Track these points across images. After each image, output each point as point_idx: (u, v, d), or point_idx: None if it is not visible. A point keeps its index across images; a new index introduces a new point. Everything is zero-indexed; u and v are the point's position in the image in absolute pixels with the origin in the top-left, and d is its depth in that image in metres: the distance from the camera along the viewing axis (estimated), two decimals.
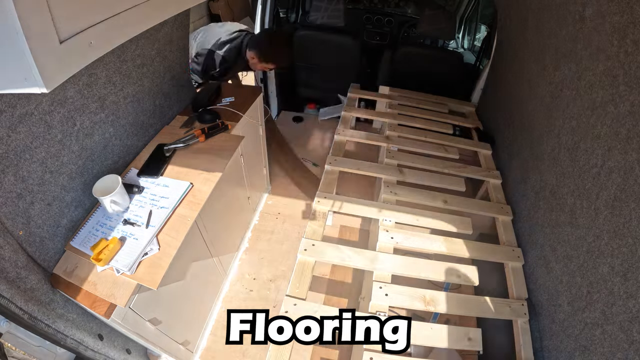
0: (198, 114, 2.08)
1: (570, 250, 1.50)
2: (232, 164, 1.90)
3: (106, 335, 1.50)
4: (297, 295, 1.59)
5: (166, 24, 1.82)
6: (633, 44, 1.23)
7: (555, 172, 1.68)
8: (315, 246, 1.76)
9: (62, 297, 1.33)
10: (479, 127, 2.75)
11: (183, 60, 2.12)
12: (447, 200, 2.06)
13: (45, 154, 1.30)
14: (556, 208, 1.64)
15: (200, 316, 2.11)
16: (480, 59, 3.46)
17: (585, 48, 1.51)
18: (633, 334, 1.12)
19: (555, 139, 1.72)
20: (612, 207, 1.29)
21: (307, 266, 1.70)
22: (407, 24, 4.53)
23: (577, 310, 1.40)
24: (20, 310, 1.10)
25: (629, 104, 1.25)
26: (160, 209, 1.56)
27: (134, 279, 1.34)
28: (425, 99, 3.01)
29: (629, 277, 1.17)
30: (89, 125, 1.49)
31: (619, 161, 1.28)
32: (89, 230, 1.47)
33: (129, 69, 1.66)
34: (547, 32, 1.83)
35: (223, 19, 6.05)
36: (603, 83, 1.39)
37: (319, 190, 2.04)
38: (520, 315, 1.65)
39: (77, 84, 1.38)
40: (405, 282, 1.68)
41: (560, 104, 1.69)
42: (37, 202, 1.30)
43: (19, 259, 1.19)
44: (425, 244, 1.83)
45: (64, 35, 0.89)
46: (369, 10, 4.62)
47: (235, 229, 2.42)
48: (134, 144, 1.81)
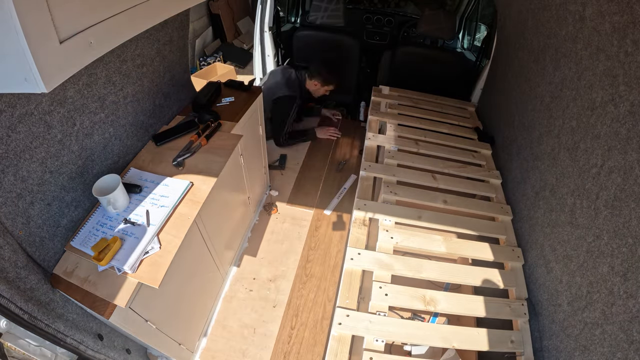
0: (198, 114, 2.08)
1: (570, 250, 1.50)
2: (231, 163, 1.90)
3: (106, 335, 1.50)
4: (348, 306, 1.58)
5: (166, 24, 1.82)
6: (633, 43, 1.23)
7: (555, 172, 1.68)
8: (361, 255, 1.74)
9: (62, 297, 1.33)
10: (479, 126, 2.75)
11: (182, 60, 2.12)
12: (447, 200, 2.05)
13: (45, 154, 1.30)
14: (556, 208, 1.64)
15: (201, 316, 2.11)
16: (480, 58, 3.46)
17: (585, 48, 1.51)
18: (633, 334, 1.12)
19: (555, 138, 1.72)
20: (612, 207, 1.29)
21: (355, 275, 1.69)
22: (407, 24, 4.54)
23: (577, 310, 1.40)
24: (20, 310, 1.10)
25: (629, 104, 1.25)
26: (161, 208, 1.56)
27: (136, 278, 1.34)
28: (426, 99, 3.01)
29: (628, 277, 1.17)
30: (88, 125, 1.49)
31: (619, 161, 1.28)
32: (89, 230, 1.46)
33: (129, 69, 1.66)
34: (547, 32, 1.83)
35: (223, 19, 6.05)
36: (603, 83, 1.39)
37: (357, 198, 2.02)
38: (520, 315, 1.65)
39: (77, 84, 1.38)
40: (404, 282, 1.68)
41: (560, 103, 1.69)
42: (37, 202, 1.30)
43: (19, 259, 1.19)
44: (424, 244, 1.83)
45: (64, 35, 0.89)
46: (369, 10, 4.63)
47: (235, 228, 2.42)
48: (134, 143, 1.81)
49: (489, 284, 1.73)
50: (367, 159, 2.29)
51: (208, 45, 6.02)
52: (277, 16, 3.70)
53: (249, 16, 6.71)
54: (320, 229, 2.82)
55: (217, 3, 5.94)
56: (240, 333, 2.21)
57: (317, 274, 2.52)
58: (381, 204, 1.99)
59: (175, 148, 1.85)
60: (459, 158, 2.42)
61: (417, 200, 2.06)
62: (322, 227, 2.83)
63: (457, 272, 1.76)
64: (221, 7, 6.01)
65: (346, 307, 1.57)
